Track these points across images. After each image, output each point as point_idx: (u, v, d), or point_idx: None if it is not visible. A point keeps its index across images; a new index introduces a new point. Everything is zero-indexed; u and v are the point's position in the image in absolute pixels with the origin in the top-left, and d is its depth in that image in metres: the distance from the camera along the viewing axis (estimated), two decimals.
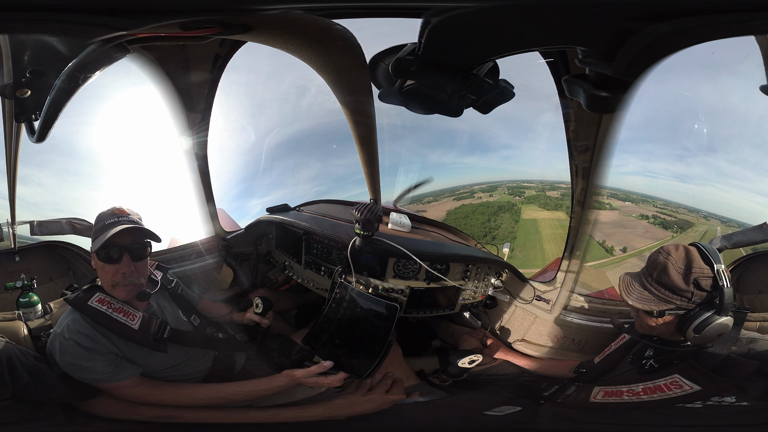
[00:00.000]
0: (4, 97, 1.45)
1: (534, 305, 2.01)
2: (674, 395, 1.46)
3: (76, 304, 1.52)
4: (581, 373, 1.75)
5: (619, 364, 1.65)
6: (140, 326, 1.52)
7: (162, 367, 1.60)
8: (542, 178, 2.25)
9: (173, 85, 1.70)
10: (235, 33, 1.34)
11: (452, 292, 1.98)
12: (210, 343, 1.75)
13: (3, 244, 1.76)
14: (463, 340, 2.06)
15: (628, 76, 1.20)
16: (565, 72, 1.58)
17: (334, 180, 2.21)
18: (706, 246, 1.48)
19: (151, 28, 1.19)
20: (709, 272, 1.43)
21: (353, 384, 1.68)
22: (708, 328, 1.42)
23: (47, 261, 1.85)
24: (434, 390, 1.82)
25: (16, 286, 1.67)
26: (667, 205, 2.08)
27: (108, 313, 1.51)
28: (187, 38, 1.42)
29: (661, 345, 1.54)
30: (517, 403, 1.75)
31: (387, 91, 1.55)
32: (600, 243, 2.05)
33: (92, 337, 1.48)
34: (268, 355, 1.81)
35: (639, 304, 1.51)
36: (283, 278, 2.22)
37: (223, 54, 1.79)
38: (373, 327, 1.83)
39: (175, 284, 1.79)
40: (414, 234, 1.99)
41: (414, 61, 1.38)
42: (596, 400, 1.59)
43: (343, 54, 1.44)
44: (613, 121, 1.61)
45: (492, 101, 1.51)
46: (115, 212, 1.57)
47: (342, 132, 2.01)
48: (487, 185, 2.32)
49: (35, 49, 1.35)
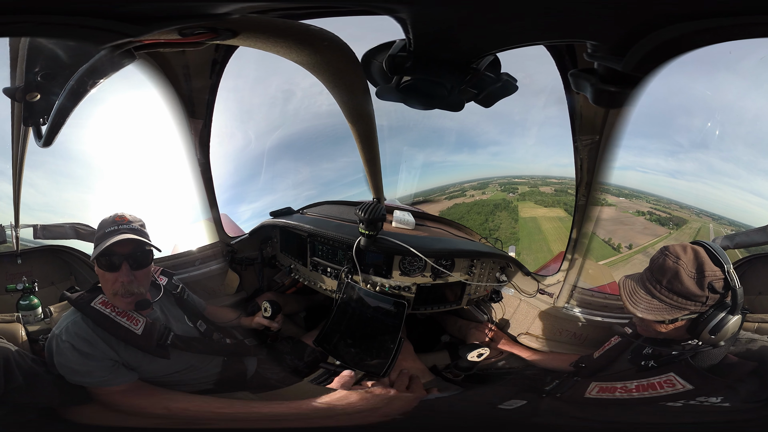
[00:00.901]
0: (15, 100, 1.44)
1: (537, 299, 2.03)
2: (664, 393, 1.44)
3: (78, 305, 1.49)
4: (580, 368, 1.74)
5: (618, 360, 1.64)
6: (143, 331, 1.50)
7: (165, 373, 1.57)
8: (533, 173, 2.26)
9: (176, 91, 1.72)
10: (225, 38, 1.31)
11: (458, 287, 2.00)
12: (217, 349, 1.72)
13: (6, 246, 1.75)
14: (471, 334, 2.08)
15: (639, 71, 1.19)
16: (572, 66, 1.58)
17: (323, 184, 2.22)
18: (713, 246, 1.44)
19: (154, 34, 1.21)
20: (721, 274, 1.40)
21: (374, 385, 1.65)
22: (724, 329, 1.39)
23: (49, 265, 1.83)
24: (450, 385, 1.83)
25: (17, 289, 1.66)
26: (659, 201, 2.06)
27: (111, 316, 1.48)
28: (185, 44, 1.41)
29: (662, 345, 1.50)
30: (524, 397, 1.74)
31: (384, 89, 1.52)
32: (606, 241, 2.04)
33: (90, 341, 1.45)
34: (280, 359, 1.79)
35: (650, 315, 1.44)
36: (289, 281, 2.22)
37: (219, 59, 1.81)
38: (383, 325, 1.84)
39: (180, 290, 1.77)
40: (418, 231, 2.01)
41: (407, 57, 1.36)
42: (591, 395, 1.56)
43: (333, 54, 1.42)
44: (619, 116, 1.60)
45: (494, 95, 1.49)
46: (116, 219, 1.54)
47: (330, 135, 2.05)
48: (477, 182, 2.30)
49: (48, 53, 1.36)
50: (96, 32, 1.12)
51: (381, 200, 2.04)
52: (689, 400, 1.42)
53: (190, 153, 1.89)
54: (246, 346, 1.82)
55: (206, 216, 2.00)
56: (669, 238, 2.02)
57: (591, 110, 1.74)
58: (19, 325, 1.60)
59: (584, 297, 1.94)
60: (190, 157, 1.88)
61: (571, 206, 2.12)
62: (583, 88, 1.35)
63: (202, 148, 1.92)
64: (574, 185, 2.11)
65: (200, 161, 1.91)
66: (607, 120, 1.69)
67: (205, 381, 1.66)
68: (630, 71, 1.18)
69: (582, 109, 1.79)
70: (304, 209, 2.17)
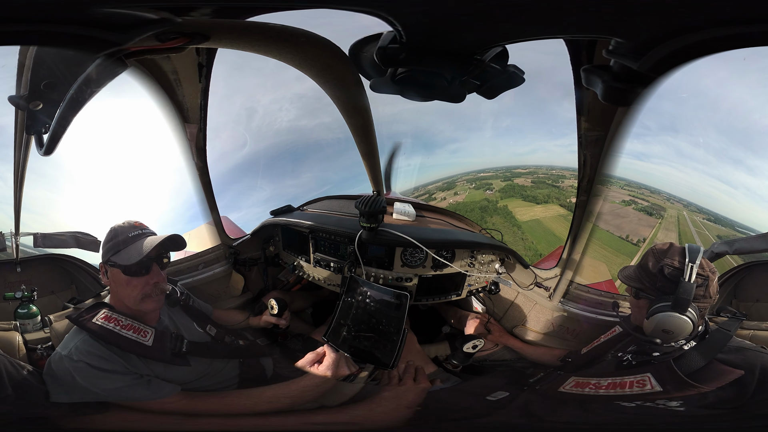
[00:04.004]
0: (19, 109, 1.42)
1: (535, 292, 2.08)
2: (629, 393, 1.46)
3: (80, 324, 1.46)
4: (567, 363, 1.78)
5: (602, 357, 1.68)
6: (154, 342, 1.50)
7: (188, 380, 1.58)
8: (494, 165, 2.21)
9: (169, 97, 1.70)
10: (199, 42, 1.31)
11: (459, 278, 2.05)
12: (231, 352, 1.74)
13: (6, 254, 1.73)
14: (468, 325, 2.12)
15: (654, 72, 1.19)
16: (587, 61, 1.50)
17: (288, 201, 2.19)
18: (692, 245, 1.49)
19: (136, 41, 1.21)
20: (678, 264, 1.45)
21: (384, 378, 1.71)
22: (654, 317, 1.43)
23: (50, 273, 1.82)
24: (450, 376, 1.88)
25: (15, 297, 1.65)
26: (630, 185, 2.01)
27: (116, 330, 1.46)
28: (167, 50, 1.37)
29: (644, 342, 1.53)
30: (508, 389, 1.77)
31: (378, 81, 1.49)
32: (624, 238, 1.99)
33: (106, 357, 1.43)
34: (293, 357, 1.82)
35: (623, 277, 1.60)
36: (294, 279, 2.23)
37: (204, 62, 1.78)
38: (388, 317, 1.87)
39: (185, 296, 1.78)
40: (419, 222, 2.05)
41: (400, 49, 1.31)
42: (564, 390, 1.59)
43: (315, 49, 1.39)
44: (627, 114, 1.58)
45: (498, 87, 1.46)
46: (135, 225, 1.55)
47: (291, 151, 2.04)
48: (443, 182, 2.25)
49: (51, 63, 1.35)
50: (87, 41, 1.12)
51: (381, 193, 2.08)
52: (648, 402, 1.44)
53: (188, 157, 1.88)
54: (259, 346, 1.85)
55: (207, 219, 1.99)
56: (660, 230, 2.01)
57: (599, 107, 1.69)
58: (16, 333, 1.59)
59: (580, 293, 1.98)
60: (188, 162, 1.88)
61: (560, 198, 2.16)
62: (594, 84, 1.35)
63: (198, 152, 1.91)
64: (548, 174, 2.16)
65: (198, 165, 1.91)
66: (614, 118, 1.66)
67: (226, 384, 1.67)
68: (645, 71, 1.18)
69: (590, 105, 1.77)
70: (304, 206, 2.19)
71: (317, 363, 1.64)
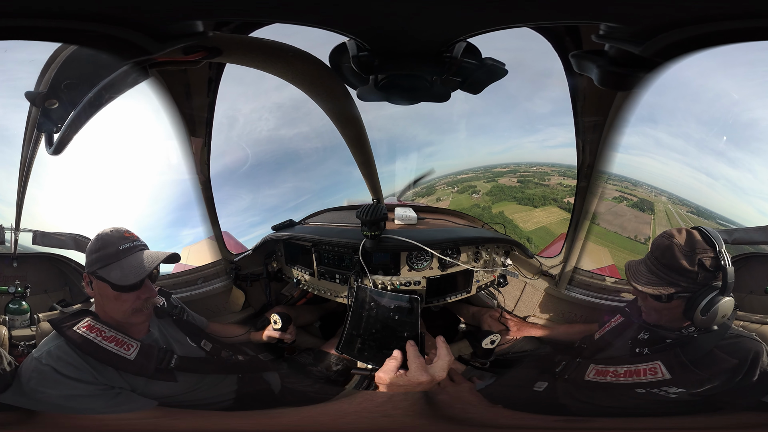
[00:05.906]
0: (34, 105, 1.44)
1: (541, 281, 2.10)
2: (646, 380, 1.45)
3: (60, 329, 1.36)
4: (583, 349, 1.75)
5: (615, 343, 1.66)
6: (138, 355, 1.39)
7: (168, 395, 1.44)
8: (471, 166, 2.20)
9: (179, 110, 1.77)
10: (214, 56, 1.32)
11: (467, 275, 2.03)
12: (227, 367, 1.63)
13: (3, 248, 1.69)
14: (484, 320, 2.08)
15: (660, 57, 1.12)
16: (573, 47, 1.53)
17: (267, 210, 2.20)
18: (708, 229, 1.49)
19: (166, 52, 1.27)
20: (712, 253, 1.44)
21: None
22: (714, 309, 1.42)
23: (45, 272, 1.76)
24: (483, 372, 1.80)
25: (8, 291, 1.62)
26: (611, 178, 1.97)
27: (97, 341, 1.36)
28: (187, 63, 1.37)
29: (658, 329, 1.52)
30: (545, 379, 1.70)
31: (364, 90, 1.48)
32: (634, 238, 1.96)
33: (76, 365, 1.32)
34: (305, 371, 1.70)
35: (649, 288, 1.49)
36: (298, 293, 2.15)
37: (213, 77, 1.85)
38: (401, 322, 1.81)
39: (179, 310, 1.70)
40: (421, 225, 2.07)
41: (371, 56, 1.28)
42: (588, 378, 1.56)
43: (303, 64, 1.40)
44: (627, 98, 1.56)
45: (481, 81, 1.45)
46: (126, 235, 1.46)
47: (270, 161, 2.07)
48: (421, 188, 2.22)
49: (82, 64, 1.39)
50: (123, 45, 1.13)
51: (381, 200, 2.11)
52: (655, 389, 1.42)
53: (192, 172, 1.90)
54: (261, 361, 1.72)
55: (208, 234, 1.97)
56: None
57: (596, 92, 1.70)
58: (3, 328, 1.54)
59: (584, 278, 2.00)
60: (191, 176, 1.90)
61: (555, 197, 2.21)
62: (588, 69, 1.30)
63: (202, 166, 1.95)
64: (530, 172, 2.21)
65: (201, 180, 1.93)
66: (613, 102, 1.63)
67: (222, 400, 1.54)
68: (650, 56, 1.12)
69: (586, 90, 1.75)
70: (305, 219, 2.19)
71: (401, 369, 1.49)
